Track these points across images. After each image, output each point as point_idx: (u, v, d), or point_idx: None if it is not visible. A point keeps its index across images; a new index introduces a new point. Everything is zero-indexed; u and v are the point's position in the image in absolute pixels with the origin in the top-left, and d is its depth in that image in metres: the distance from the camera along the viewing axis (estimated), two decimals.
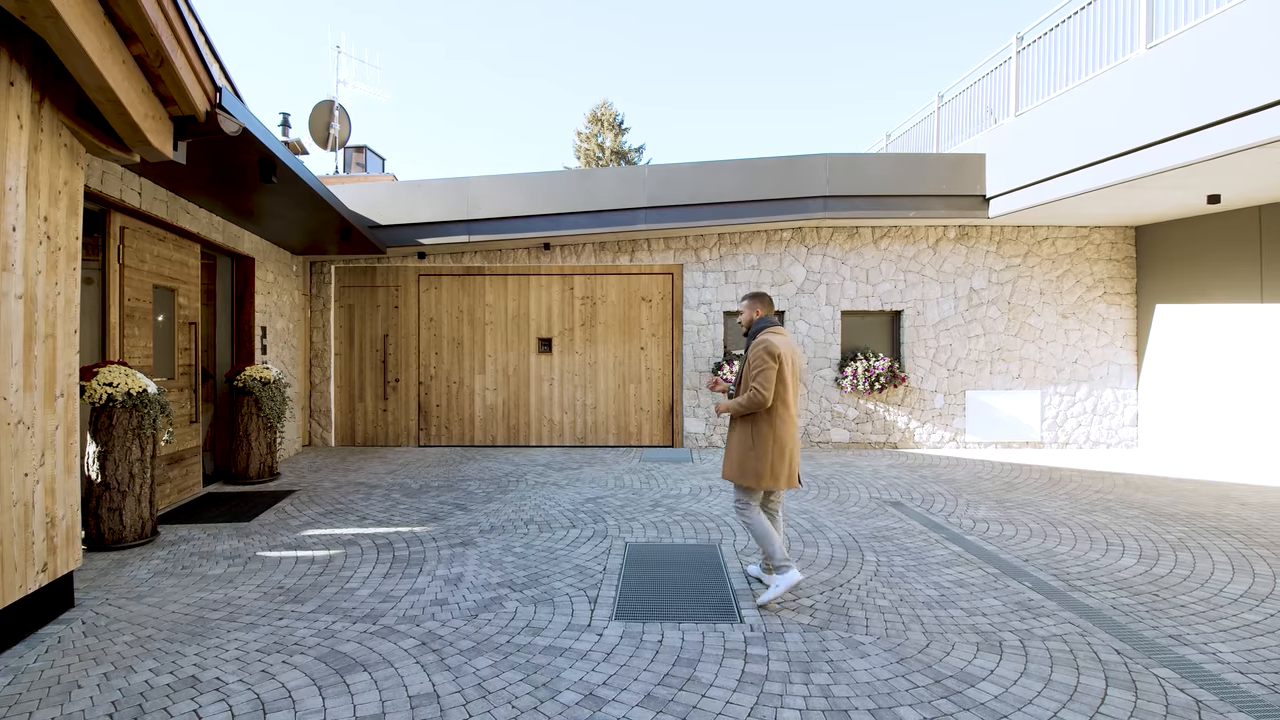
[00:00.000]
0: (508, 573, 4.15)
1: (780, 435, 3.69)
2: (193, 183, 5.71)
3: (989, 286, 9.34)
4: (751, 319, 3.96)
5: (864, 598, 3.76)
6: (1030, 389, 9.35)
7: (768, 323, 3.87)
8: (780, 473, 3.68)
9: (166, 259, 6.08)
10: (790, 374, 3.73)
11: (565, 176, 8.68)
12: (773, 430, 3.69)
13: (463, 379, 9.57)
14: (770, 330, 3.80)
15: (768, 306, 3.95)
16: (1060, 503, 6.12)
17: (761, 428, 3.70)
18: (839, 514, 5.65)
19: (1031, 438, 9.34)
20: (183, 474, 6.33)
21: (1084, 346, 9.38)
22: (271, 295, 8.19)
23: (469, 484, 6.85)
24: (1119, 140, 6.49)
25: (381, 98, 13.49)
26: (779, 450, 3.68)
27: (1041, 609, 3.63)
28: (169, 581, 4.05)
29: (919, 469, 7.75)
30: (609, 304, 9.48)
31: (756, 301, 3.96)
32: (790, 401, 3.74)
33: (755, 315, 3.95)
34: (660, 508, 5.84)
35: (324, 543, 4.82)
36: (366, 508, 5.85)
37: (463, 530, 5.11)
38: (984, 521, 5.45)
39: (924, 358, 9.30)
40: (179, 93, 3.65)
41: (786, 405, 3.73)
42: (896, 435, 9.29)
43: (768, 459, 3.67)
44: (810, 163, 8.60)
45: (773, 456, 3.67)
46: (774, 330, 3.81)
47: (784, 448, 3.69)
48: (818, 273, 9.32)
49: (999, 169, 8.42)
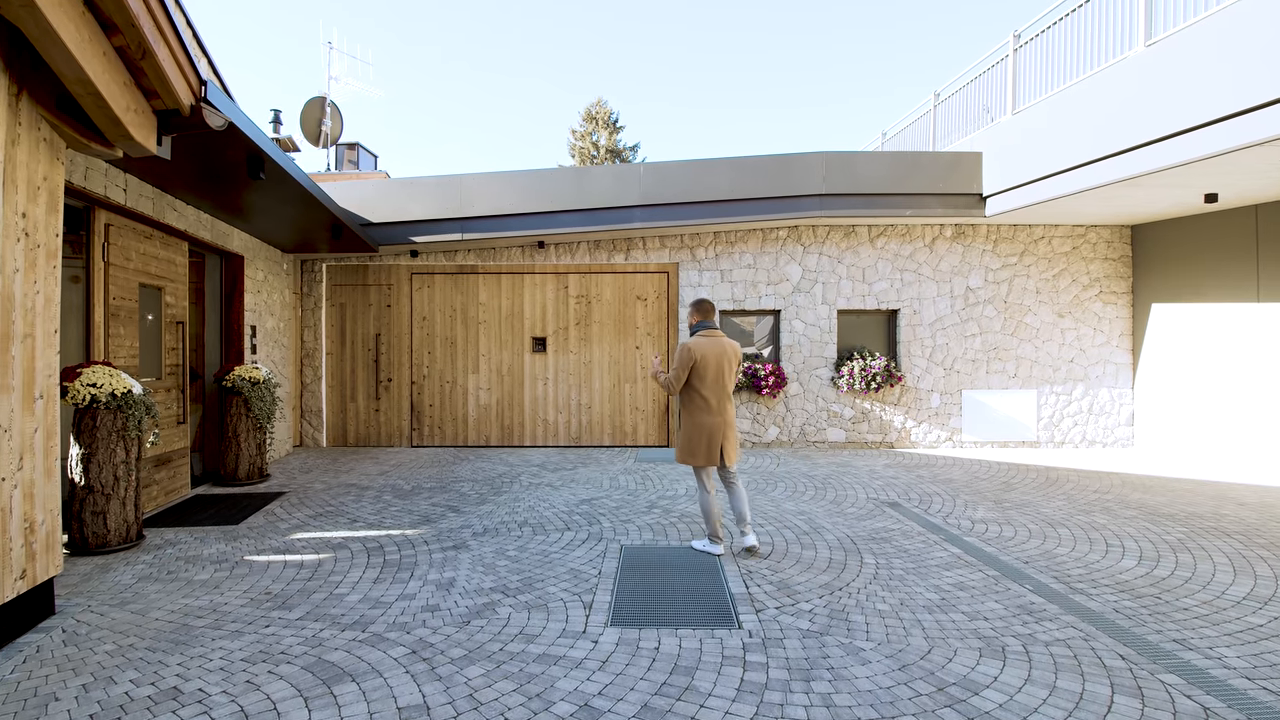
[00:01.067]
0: (500, 577, 4.07)
1: (699, 421, 4.48)
2: (180, 179, 5.60)
3: (985, 285, 9.31)
4: (692, 323, 4.71)
5: (864, 601, 3.70)
6: (1026, 388, 9.33)
7: (704, 326, 4.63)
8: (699, 451, 4.46)
9: (153, 257, 5.97)
10: (713, 370, 4.47)
11: (559, 174, 8.60)
12: (692, 417, 4.51)
13: (456, 379, 9.48)
14: (703, 333, 4.57)
15: (705, 313, 4.70)
16: (1058, 503, 6.08)
17: (686, 415, 4.56)
18: (836, 515, 5.60)
19: (1028, 437, 9.32)
20: (170, 476, 6.22)
21: (1080, 346, 9.36)
22: (261, 294, 8.07)
23: (462, 485, 6.76)
24: (1118, 138, 6.45)
25: (374, 94, 13.36)
26: (699, 433, 4.47)
27: (1044, 613, 3.58)
28: (153, 587, 3.96)
29: (916, 469, 7.71)
30: (604, 303, 9.40)
31: (695, 309, 4.73)
32: (709, 393, 4.48)
33: (693, 320, 4.70)
34: (656, 509, 5.77)
35: (313, 546, 4.73)
36: (357, 510, 5.76)
37: (455, 533, 5.03)
38: (983, 522, 5.40)
39: (920, 357, 9.26)
40: (162, 86, 3.55)
41: (704, 396, 4.48)
42: (893, 435, 9.25)
43: (690, 440, 4.49)
44: (806, 161, 8.54)
45: (694, 438, 4.48)
46: (706, 333, 4.57)
47: (703, 431, 4.46)
48: (814, 271, 9.27)
49: (996, 167, 8.38)
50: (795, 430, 9.24)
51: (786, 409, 9.24)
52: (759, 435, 9.25)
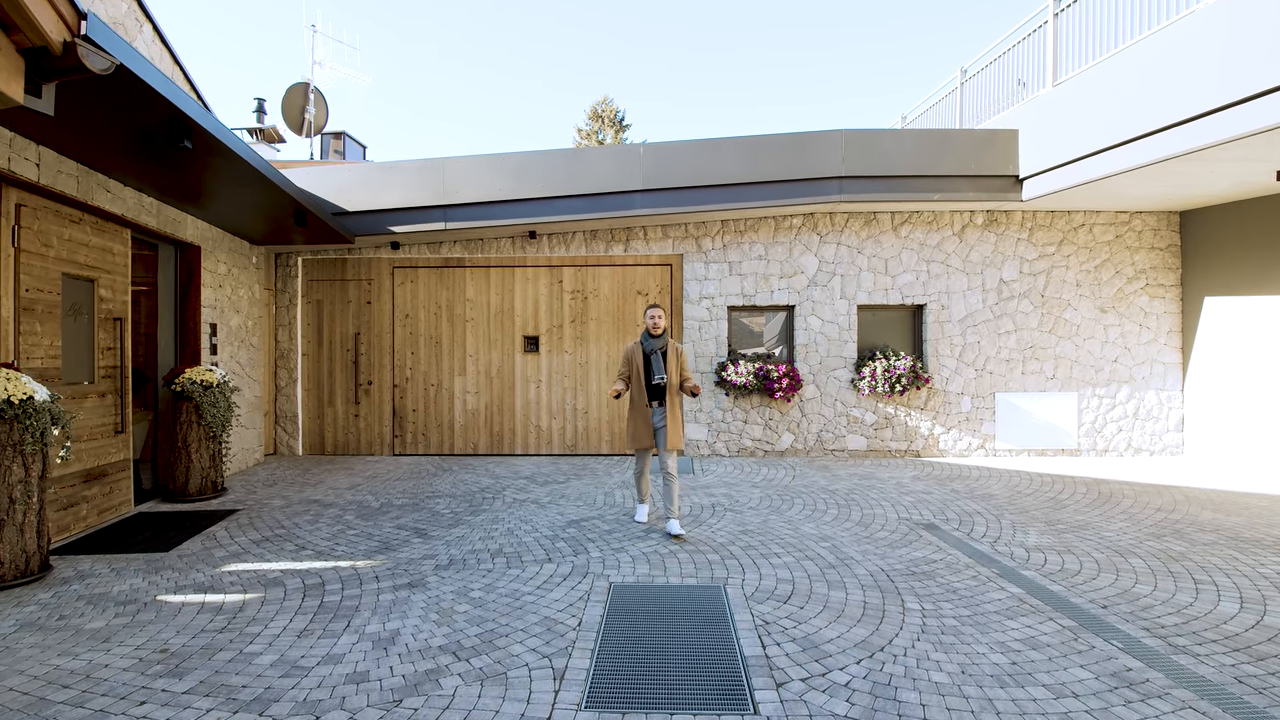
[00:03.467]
0: (456, 629, 3.29)
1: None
2: (105, 153, 4.87)
3: (1020, 278, 8.46)
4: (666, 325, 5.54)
5: (913, 669, 2.89)
6: (1066, 391, 8.47)
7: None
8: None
9: (82, 244, 5.24)
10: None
11: (552, 156, 7.83)
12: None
13: (441, 381, 8.73)
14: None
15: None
16: (1120, 524, 5.25)
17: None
18: (865, 541, 4.79)
19: (1068, 444, 8.46)
20: (105, 492, 5.49)
21: (1125, 344, 8.50)
22: (224, 289, 7.35)
23: (437, 502, 6.00)
24: (1181, 105, 5.61)
25: (362, 81, 12.66)
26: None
27: (1146, 684, 2.76)
28: (30, 639, 3.21)
29: (949, 482, 6.88)
30: (601, 298, 8.63)
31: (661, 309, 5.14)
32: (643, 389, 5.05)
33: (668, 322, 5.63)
34: (655, 533, 4.98)
35: (243, 583, 3.97)
36: (310, 534, 5.00)
37: (415, 565, 4.25)
38: (1038, 550, 4.58)
39: (949, 356, 8.43)
40: (17, 13, 2.80)
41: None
42: (919, 442, 8.41)
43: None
44: (824, 140, 7.73)
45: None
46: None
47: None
48: (831, 263, 8.45)
49: (1033, 145, 7.54)
50: (811, 437, 8.43)
51: (802, 414, 8.43)
52: (771, 443, 8.43)
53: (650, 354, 4.97)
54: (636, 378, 5.00)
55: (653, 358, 4.95)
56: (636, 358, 5.02)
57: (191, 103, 4.05)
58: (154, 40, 6.22)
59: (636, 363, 5.00)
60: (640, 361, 5.00)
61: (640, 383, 4.99)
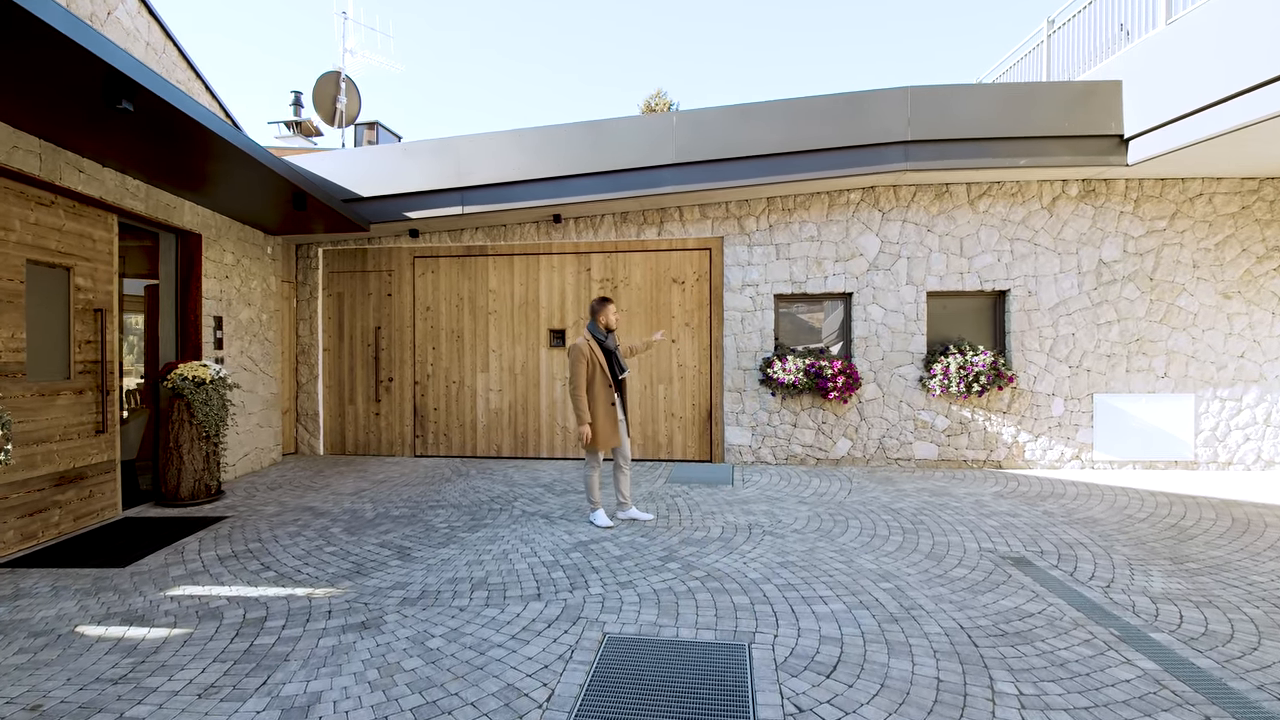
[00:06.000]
0: (390, 697, 2.56)
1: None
2: (72, 128, 4.40)
3: (1124, 258, 7.17)
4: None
5: None
6: (1180, 392, 7.14)
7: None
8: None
9: (53, 229, 4.81)
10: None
11: (574, 130, 7.08)
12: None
13: (463, 378, 8.13)
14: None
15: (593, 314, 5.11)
16: (1273, 565, 4.09)
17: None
18: (938, 581, 3.82)
19: (1182, 455, 7.13)
20: (83, 496, 5.07)
21: (1253, 336, 7.10)
22: (232, 280, 6.93)
23: (436, 514, 5.34)
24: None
25: (395, 69, 12.26)
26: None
27: None
28: None
29: (1039, 501, 5.76)
30: (633, 287, 7.83)
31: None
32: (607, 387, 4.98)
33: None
34: (674, 562, 4.15)
35: (179, 612, 3.37)
36: (283, 550, 4.40)
37: (379, 598, 3.57)
38: (1168, 601, 3.52)
39: (1037, 351, 7.23)
40: None
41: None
42: (1000, 451, 7.26)
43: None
44: (885, 98, 6.69)
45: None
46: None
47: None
48: (895, 244, 7.39)
49: (1142, 98, 6.29)
50: (872, 444, 7.39)
51: (860, 417, 7.40)
52: (825, 450, 7.45)
53: (610, 351, 5.01)
54: (602, 376, 4.92)
55: (614, 354, 5.02)
56: (598, 356, 4.93)
57: (120, 53, 3.47)
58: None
59: (599, 361, 4.92)
60: (603, 359, 4.95)
61: (606, 380, 4.92)
